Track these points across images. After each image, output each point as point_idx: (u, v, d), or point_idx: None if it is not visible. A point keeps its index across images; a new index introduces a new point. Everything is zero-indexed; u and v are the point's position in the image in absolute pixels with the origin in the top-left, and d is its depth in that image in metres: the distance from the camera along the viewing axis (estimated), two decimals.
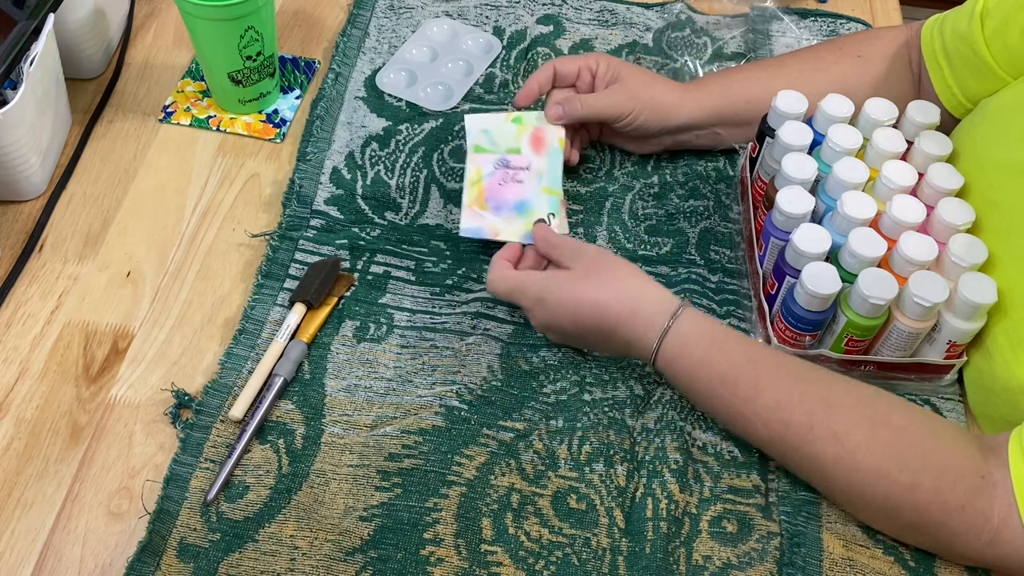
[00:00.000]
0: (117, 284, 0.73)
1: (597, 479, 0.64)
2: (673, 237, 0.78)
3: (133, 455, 0.65)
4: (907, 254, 0.64)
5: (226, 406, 0.66)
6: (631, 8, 0.96)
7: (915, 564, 0.61)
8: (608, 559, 0.61)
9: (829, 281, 0.63)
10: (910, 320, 0.64)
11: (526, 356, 0.70)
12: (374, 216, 0.78)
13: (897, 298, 0.63)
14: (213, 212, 0.78)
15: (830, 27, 0.95)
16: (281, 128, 0.84)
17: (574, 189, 0.81)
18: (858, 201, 0.66)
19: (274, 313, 0.71)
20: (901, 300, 0.64)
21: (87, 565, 0.60)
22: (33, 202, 0.78)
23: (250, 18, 0.76)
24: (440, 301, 0.73)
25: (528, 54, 0.91)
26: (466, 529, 0.62)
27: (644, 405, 0.68)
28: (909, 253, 0.64)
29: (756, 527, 0.63)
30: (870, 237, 0.64)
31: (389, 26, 0.93)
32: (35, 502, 0.62)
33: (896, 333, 0.65)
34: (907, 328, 0.64)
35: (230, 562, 0.60)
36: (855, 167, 0.68)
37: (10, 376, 0.68)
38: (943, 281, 0.63)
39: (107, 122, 0.84)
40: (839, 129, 0.70)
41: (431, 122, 0.85)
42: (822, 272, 0.63)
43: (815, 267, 0.63)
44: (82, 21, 0.81)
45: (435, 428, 0.66)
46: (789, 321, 0.65)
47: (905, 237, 0.64)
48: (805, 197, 0.67)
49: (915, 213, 0.66)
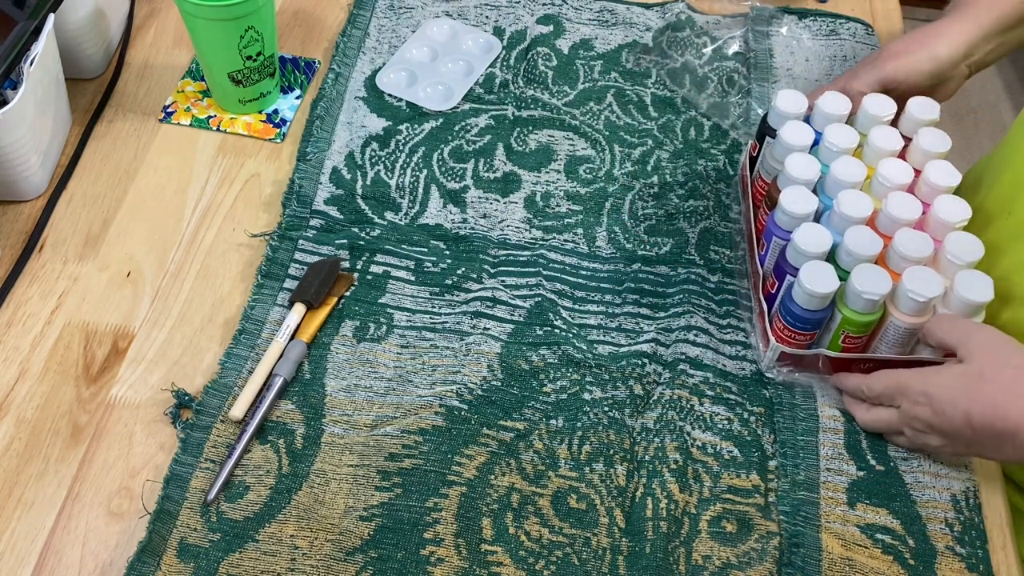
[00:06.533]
0: (117, 284, 0.73)
1: (597, 479, 0.64)
2: (673, 237, 0.78)
3: (133, 455, 0.65)
4: (902, 250, 0.64)
5: (226, 406, 0.66)
6: (631, 8, 0.96)
7: (915, 563, 0.62)
8: (608, 559, 0.61)
9: (827, 280, 0.63)
10: (905, 316, 0.64)
11: (526, 355, 0.70)
12: (374, 216, 0.78)
13: (892, 294, 0.63)
14: (213, 212, 0.78)
15: (830, 27, 0.95)
16: (281, 128, 0.84)
17: (574, 189, 0.81)
18: (854, 200, 0.66)
19: (274, 313, 0.71)
20: (896, 296, 0.64)
21: (87, 565, 0.60)
22: (33, 202, 0.78)
23: (250, 18, 0.76)
24: (440, 301, 0.73)
25: (528, 54, 0.91)
26: (466, 529, 0.62)
27: (644, 405, 0.68)
28: (904, 249, 0.64)
29: (756, 527, 0.63)
30: (866, 235, 0.65)
31: (389, 26, 0.93)
32: (35, 502, 0.62)
33: (892, 329, 0.65)
34: (902, 324, 0.64)
35: (230, 562, 0.60)
36: (852, 166, 0.68)
37: (10, 376, 0.68)
38: (938, 276, 0.63)
39: (107, 122, 0.84)
40: (836, 129, 0.71)
41: (431, 122, 0.85)
42: (820, 271, 0.63)
43: (813, 266, 0.63)
44: (82, 21, 0.81)
45: (435, 428, 0.66)
46: (788, 320, 0.66)
47: (900, 233, 0.64)
48: (808, 197, 0.67)
49: (910, 210, 0.66)
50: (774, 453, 0.66)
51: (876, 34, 0.95)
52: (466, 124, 0.85)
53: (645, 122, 0.86)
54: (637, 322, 0.73)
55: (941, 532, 0.63)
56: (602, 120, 0.86)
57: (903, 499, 0.65)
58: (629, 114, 0.87)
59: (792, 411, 0.68)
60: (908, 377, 0.63)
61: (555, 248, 0.77)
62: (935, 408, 0.61)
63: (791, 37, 0.94)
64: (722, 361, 0.71)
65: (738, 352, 0.71)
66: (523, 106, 0.86)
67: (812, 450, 0.66)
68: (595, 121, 0.86)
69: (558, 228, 0.78)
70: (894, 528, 0.63)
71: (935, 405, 0.61)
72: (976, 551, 0.63)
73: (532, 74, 0.89)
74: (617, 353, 0.71)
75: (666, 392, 0.68)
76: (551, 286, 0.74)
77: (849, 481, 0.65)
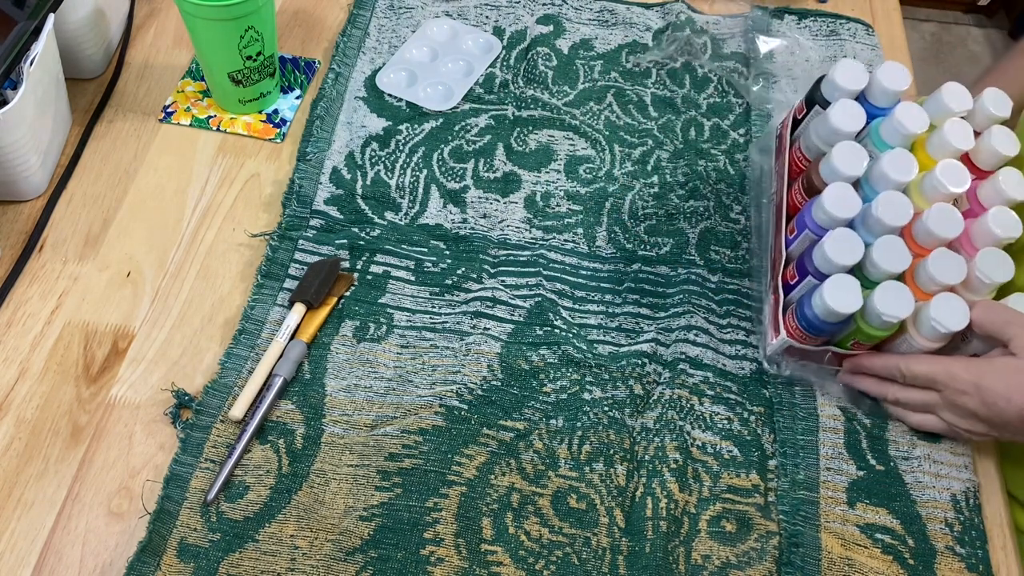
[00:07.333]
0: (117, 284, 0.73)
1: (597, 479, 0.64)
2: (673, 237, 0.78)
3: (133, 455, 0.65)
4: (933, 273, 0.60)
5: (226, 406, 0.66)
6: (631, 8, 0.96)
7: (914, 563, 0.62)
8: (608, 559, 0.61)
9: (849, 298, 0.60)
10: (923, 340, 0.62)
11: (526, 355, 0.70)
12: (374, 216, 0.78)
13: (914, 315, 0.61)
14: (213, 212, 0.78)
15: (830, 27, 0.95)
16: (281, 128, 0.84)
17: (574, 189, 0.81)
18: (893, 204, 0.62)
19: (274, 313, 0.71)
20: (918, 318, 0.61)
21: (87, 565, 0.60)
22: (33, 202, 0.78)
23: (250, 18, 0.76)
24: (440, 301, 0.73)
25: (528, 54, 0.91)
26: (466, 529, 0.62)
27: (644, 405, 0.68)
28: (935, 272, 0.60)
29: (755, 526, 0.63)
30: (896, 249, 0.61)
31: (389, 26, 0.93)
32: (35, 502, 0.62)
33: (906, 346, 0.63)
34: (918, 345, 0.62)
35: (230, 562, 0.60)
36: (903, 162, 0.63)
37: (10, 376, 0.68)
38: (965, 308, 0.60)
39: (107, 122, 0.84)
40: (909, 109, 0.65)
41: (431, 122, 0.85)
42: (844, 287, 0.60)
43: (838, 280, 0.60)
44: (82, 21, 0.81)
45: (435, 428, 0.66)
46: (802, 324, 0.64)
47: (935, 255, 0.61)
48: (852, 199, 0.63)
49: (951, 227, 0.62)
50: (774, 452, 0.66)
51: (876, 34, 0.95)
52: (466, 124, 0.85)
53: (645, 122, 0.86)
54: (637, 322, 0.73)
55: (941, 532, 0.63)
56: (602, 120, 0.86)
57: (903, 499, 0.65)
58: (629, 114, 0.87)
59: (792, 410, 0.68)
60: (956, 366, 0.61)
61: (555, 248, 0.77)
62: (985, 399, 0.60)
63: (791, 38, 0.94)
64: (722, 361, 0.71)
65: (738, 352, 0.71)
66: (523, 106, 0.86)
67: (812, 449, 0.66)
68: (595, 121, 0.86)
69: (558, 228, 0.78)
70: (894, 528, 0.63)
71: (985, 396, 0.60)
72: (976, 551, 0.63)
73: (532, 74, 0.89)
74: (617, 353, 0.71)
75: (666, 392, 0.68)
76: (551, 286, 0.74)
77: (849, 481, 0.65)
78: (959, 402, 0.62)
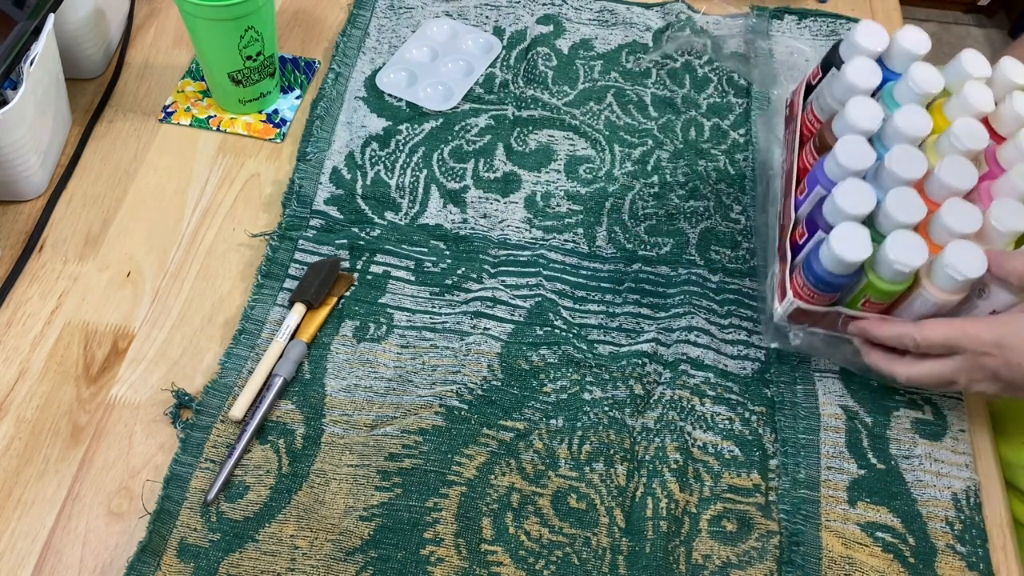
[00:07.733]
0: (117, 284, 0.73)
1: (597, 479, 0.64)
2: (673, 237, 0.78)
3: (133, 455, 0.65)
4: (947, 222, 0.58)
5: (226, 406, 0.66)
6: (631, 8, 0.96)
7: (915, 561, 0.61)
8: (608, 559, 0.61)
9: (859, 245, 0.57)
10: (938, 291, 0.58)
11: (526, 355, 0.70)
12: (374, 216, 0.78)
13: (927, 266, 0.58)
14: (213, 212, 0.78)
15: (830, 27, 0.95)
16: (281, 128, 0.84)
17: (574, 189, 0.81)
18: (907, 157, 0.60)
19: (274, 313, 0.71)
20: (932, 268, 0.58)
21: (87, 565, 0.60)
22: (33, 202, 0.78)
23: (250, 18, 0.76)
24: (440, 301, 0.73)
25: (528, 54, 0.91)
26: (466, 529, 0.62)
27: (644, 405, 0.68)
28: (949, 221, 0.57)
29: (756, 526, 0.63)
30: (909, 199, 0.58)
31: (389, 26, 0.93)
32: (35, 502, 0.62)
33: (920, 302, 0.60)
34: (933, 299, 0.59)
35: (230, 562, 0.60)
36: (918, 117, 0.61)
37: (10, 376, 0.68)
38: (982, 255, 0.57)
39: (107, 122, 0.84)
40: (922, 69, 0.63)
41: (431, 122, 0.85)
42: (852, 233, 0.57)
43: (846, 227, 0.57)
44: (82, 21, 0.81)
45: (435, 428, 0.66)
46: (809, 279, 0.61)
47: (949, 203, 0.58)
48: (866, 151, 0.61)
49: (964, 178, 0.59)
50: (775, 452, 0.66)
51: None
52: (466, 124, 0.85)
53: (645, 122, 0.86)
54: (637, 322, 0.73)
55: (941, 531, 0.63)
56: (602, 120, 0.86)
57: (904, 498, 0.65)
58: (629, 114, 0.87)
59: (793, 409, 0.68)
60: (976, 327, 0.58)
61: (555, 248, 0.77)
62: (1008, 359, 0.57)
63: (791, 37, 0.94)
64: (723, 361, 0.71)
65: (740, 352, 0.71)
66: (523, 106, 0.86)
67: (813, 448, 0.66)
68: (595, 121, 0.86)
69: (558, 228, 0.78)
70: (894, 526, 0.63)
71: (1010, 356, 0.57)
72: (976, 550, 0.63)
73: (532, 74, 0.89)
74: (617, 353, 0.71)
75: (667, 392, 0.68)
76: (551, 286, 0.74)
77: (850, 479, 0.65)
78: (980, 364, 0.58)
